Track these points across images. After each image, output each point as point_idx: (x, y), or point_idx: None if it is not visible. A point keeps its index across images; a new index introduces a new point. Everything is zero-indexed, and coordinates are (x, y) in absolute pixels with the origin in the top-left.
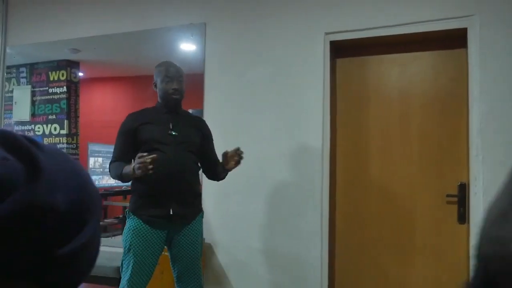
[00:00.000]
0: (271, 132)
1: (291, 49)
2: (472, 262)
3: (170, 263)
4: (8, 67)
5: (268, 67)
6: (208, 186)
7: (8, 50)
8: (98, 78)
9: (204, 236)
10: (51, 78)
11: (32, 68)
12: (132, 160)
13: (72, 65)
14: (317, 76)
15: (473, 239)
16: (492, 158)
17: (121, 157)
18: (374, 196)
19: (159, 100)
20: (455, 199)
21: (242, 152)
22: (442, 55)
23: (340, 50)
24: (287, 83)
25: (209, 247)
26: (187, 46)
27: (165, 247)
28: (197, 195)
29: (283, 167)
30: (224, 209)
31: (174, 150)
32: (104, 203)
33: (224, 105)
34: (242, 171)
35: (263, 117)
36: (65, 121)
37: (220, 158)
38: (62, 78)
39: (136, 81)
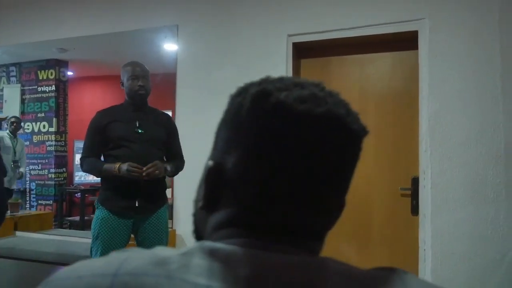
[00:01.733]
0: None
1: (256, 50)
2: (421, 251)
3: None
4: None
5: (235, 68)
6: (179, 181)
7: None
8: (87, 77)
9: (175, 227)
10: (40, 77)
11: (22, 67)
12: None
13: (61, 64)
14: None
15: (421, 230)
16: (440, 153)
17: (91, 154)
18: None
19: (126, 98)
20: (409, 192)
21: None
22: (397, 56)
23: (304, 51)
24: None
25: (180, 238)
26: (161, 47)
27: (132, 235)
28: (162, 188)
29: None
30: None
31: (140, 147)
32: (90, 198)
33: (194, 104)
34: None
35: None
36: (54, 119)
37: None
38: (51, 77)
39: None
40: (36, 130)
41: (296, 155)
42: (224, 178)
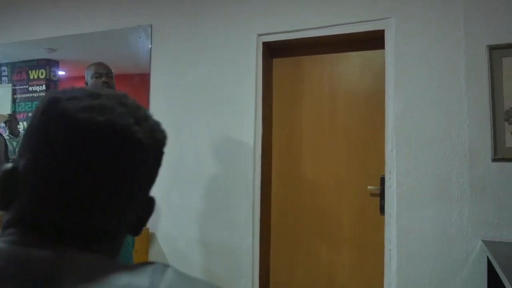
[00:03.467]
0: (208, 129)
1: (227, 50)
2: (387, 250)
3: None
4: None
5: (206, 68)
6: None
7: None
8: (78, 77)
9: (148, 226)
10: (31, 77)
11: (14, 67)
12: None
13: (51, 64)
14: (249, 75)
15: (387, 229)
16: (405, 152)
17: None
18: (306, 189)
19: None
20: (378, 191)
21: None
22: (365, 55)
23: (276, 50)
24: (223, 83)
25: (153, 236)
26: (136, 47)
27: None
28: None
29: (219, 162)
30: (167, 201)
31: None
32: None
33: (167, 104)
34: (181, 165)
35: (201, 115)
36: None
37: None
38: (41, 77)
39: (120, 79)
40: None
41: (74, 161)
42: (17, 180)
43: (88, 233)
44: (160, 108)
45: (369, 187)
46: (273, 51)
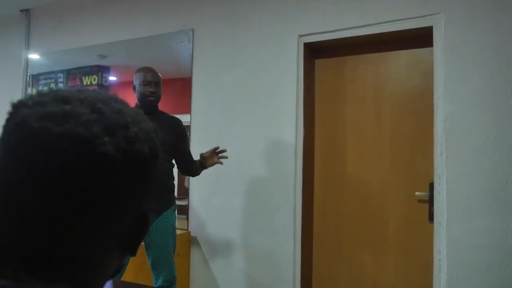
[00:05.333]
0: (249, 132)
1: (268, 52)
2: (436, 261)
3: (145, 250)
4: (48, 73)
5: (247, 70)
6: (194, 184)
7: (38, 57)
8: (128, 82)
9: (190, 229)
10: (85, 83)
11: (68, 73)
12: None
13: (103, 70)
14: (290, 77)
15: (436, 238)
16: (456, 157)
17: None
18: (349, 193)
19: (137, 102)
20: (427, 197)
21: (222, 151)
22: (412, 54)
23: (318, 51)
24: (264, 85)
25: (195, 240)
26: (178, 52)
27: None
28: (169, 190)
29: (259, 165)
30: (208, 205)
31: None
32: None
33: (208, 107)
34: (223, 169)
35: (242, 117)
36: None
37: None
38: (94, 83)
39: (163, 84)
40: None
41: (27, 178)
42: None
43: (45, 260)
44: (201, 111)
45: (417, 193)
46: (314, 52)
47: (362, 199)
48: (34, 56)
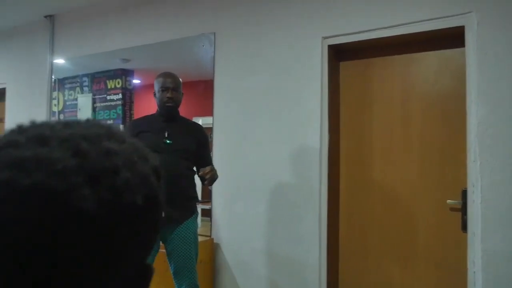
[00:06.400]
0: (272, 136)
1: (290, 54)
2: (470, 273)
3: (167, 259)
4: (73, 77)
5: (269, 74)
6: (217, 190)
7: (63, 62)
8: (152, 85)
9: (213, 236)
10: (109, 86)
11: (93, 77)
12: None
13: (127, 73)
14: (315, 80)
15: (470, 249)
16: (491, 164)
17: None
18: (376, 200)
19: (157, 108)
20: (459, 205)
21: (209, 174)
22: (442, 55)
23: (343, 53)
24: (287, 88)
25: (218, 246)
26: (199, 55)
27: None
28: (190, 198)
29: (283, 171)
30: (231, 211)
31: (167, 158)
32: None
33: (230, 111)
34: (245, 174)
35: (264, 121)
36: (121, 125)
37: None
38: (118, 86)
39: (186, 86)
40: None
41: None
42: None
43: None
44: (223, 114)
45: (448, 201)
46: (339, 54)
47: (390, 207)
48: (59, 60)
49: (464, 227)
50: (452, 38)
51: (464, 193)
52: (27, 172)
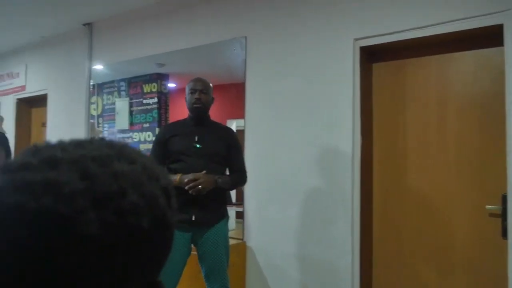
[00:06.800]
0: (303, 139)
1: (322, 57)
2: (511, 281)
3: (198, 262)
4: (111, 82)
5: (300, 77)
6: (249, 193)
7: (102, 67)
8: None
9: (245, 239)
10: (145, 90)
11: (130, 81)
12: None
13: (162, 77)
14: (346, 83)
15: (511, 257)
16: None
17: None
18: (412, 206)
19: (188, 112)
20: (499, 211)
21: (193, 184)
22: (480, 54)
23: (375, 55)
24: (318, 91)
25: (250, 250)
26: (231, 59)
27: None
28: (221, 202)
29: (315, 174)
30: (263, 214)
31: (197, 161)
32: None
33: (262, 114)
34: (276, 177)
35: (295, 124)
36: (157, 129)
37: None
38: (153, 90)
39: (218, 89)
40: (142, 139)
41: (2, 257)
42: None
43: None
44: (255, 117)
45: (487, 206)
46: (371, 56)
47: (425, 211)
48: (97, 66)
49: (505, 233)
50: (490, 36)
51: (504, 198)
52: (35, 196)
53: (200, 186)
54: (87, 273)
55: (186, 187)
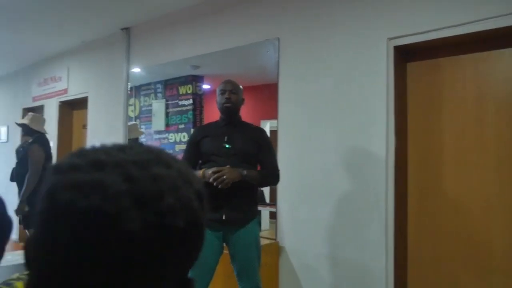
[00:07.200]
0: (336, 141)
1: (355, 58)
2: None
3: (231, 261)
4: (148, 84)
5: (333, 77)
6: (282, 193)
7: (139, 70)
8: None
9: (278, 239)
10: (181, 92)
11: (166, 84)
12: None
13: (197, 79)
14: (380, 83)
15: None
16: None
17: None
18: (448, 208)
19: (219, 113)
20: None
21: (217, 176)
22: None
23: (410, 54)
24: (351, 91)
25: (283, 250)
26: (264, 60)
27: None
28: (252, 203)
29: (347, 175)
30: (295, 215)
31: (227, 161)
32: None
33: (294, 115)
34: (308, 178)
35: (328, 125)
36: (191, 130)
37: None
38: (189, 92)
39: (252, 90)
40: (177, 140)
41: (53, 247)
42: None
43: None
44: (288, 117)
45: None
46: (406, 55)
47: (463, 215)
48: (135, 69)
49: None
50: None
51: None
52: (85, 195)
53: (224, 177)
54: (130, 266)
55: (210, 179)
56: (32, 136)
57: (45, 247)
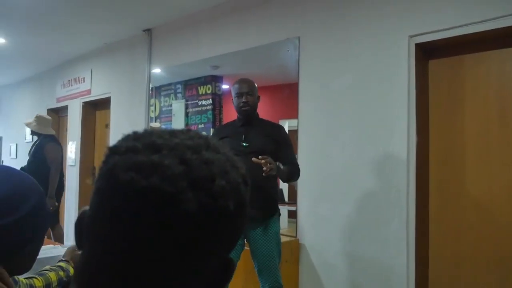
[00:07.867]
0: (357, 139)
1: (375, 56)
2: None
3: (251, 257)
4: (168, 85)
5: (353, 75)
6: (302, 191)
7: (159, 71)
8: None
9: (298, 237)
10: (200, 92)
11: (186, 84)
12: None
13: (216, 79)
14: (401, 81)
15: None
16: None
17: None
18: (471, 208)
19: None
20: None
21: (265, 162)
22: None
23: (432, 51)
24: (372, 90)
25: (303, 247)
26: (284, 59)
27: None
28: (272, 199)
29: (368, 173)
30: (316, 212)
31: (245, 160)
32: None
33: (315, 113)
34: (329, 176)
35: (349, 124)
36: (211, 129)
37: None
38: (208, 92)
39: (271, 90)
40: None
41: (112, 223)
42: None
43: None
44: (308, 116)
45: None
46: (427, 53)
47: (485, 213)
48: (156, 70)
49: None
50: None
51: None
52: (145, 175)
53: (270, 164)
54: (186, 243)
55: (262, 161)
56: (39, 136)
57: (103, 224)
